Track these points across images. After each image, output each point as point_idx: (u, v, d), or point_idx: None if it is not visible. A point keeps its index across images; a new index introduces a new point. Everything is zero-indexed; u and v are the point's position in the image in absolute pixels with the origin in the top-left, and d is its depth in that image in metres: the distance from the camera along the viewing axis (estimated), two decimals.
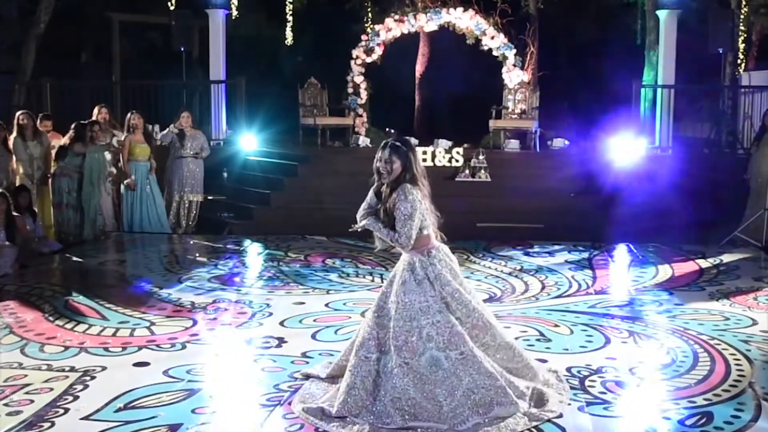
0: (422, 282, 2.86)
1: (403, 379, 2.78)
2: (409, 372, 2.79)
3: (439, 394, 2.77)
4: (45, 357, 3.59)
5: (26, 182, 6.47)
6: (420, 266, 2.90)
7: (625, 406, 3.07)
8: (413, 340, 2.81)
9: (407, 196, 2.82)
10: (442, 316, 2.85)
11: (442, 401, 2.78)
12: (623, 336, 3.94)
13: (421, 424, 2.75)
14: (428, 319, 2.83)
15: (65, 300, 4.60)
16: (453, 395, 2.78)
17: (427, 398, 2.78)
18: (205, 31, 9.48)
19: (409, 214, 2.82)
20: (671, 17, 8.68)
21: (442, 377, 2.79)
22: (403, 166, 2.85)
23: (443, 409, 2.76)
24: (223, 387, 3.29)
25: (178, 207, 7.14)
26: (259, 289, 4.95)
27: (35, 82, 9.40)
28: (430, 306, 2.85)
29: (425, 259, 2.92)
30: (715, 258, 5.83)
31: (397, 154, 2.84)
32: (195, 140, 7.18)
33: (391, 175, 2.85)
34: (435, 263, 2.92)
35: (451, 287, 2.92)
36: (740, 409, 3.00)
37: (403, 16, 8.69)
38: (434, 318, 2.83)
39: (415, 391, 2.78)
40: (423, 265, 2.91)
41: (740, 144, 8.45)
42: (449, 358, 2.80)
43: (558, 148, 8.36)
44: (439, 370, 2.78)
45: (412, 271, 2.90)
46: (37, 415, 2.91)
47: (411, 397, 2.77)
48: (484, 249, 6.17)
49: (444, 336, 2.82)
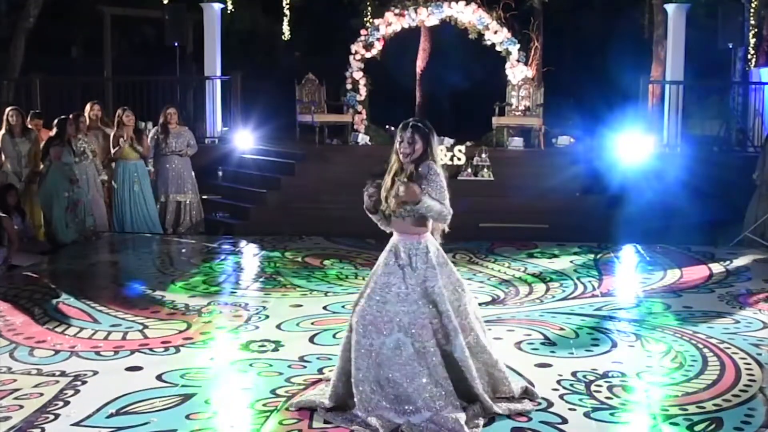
0: (405, 267, 2.85)
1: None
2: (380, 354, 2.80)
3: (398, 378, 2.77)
4: (35, 361, 3.55)
5: (14, 180, 6.37)
6: (435, 249, 2.90)
7: (632, 412, 3.02)
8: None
9: (437, 169, 2.86)
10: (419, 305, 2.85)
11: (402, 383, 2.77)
12: (630, 339, 3.90)
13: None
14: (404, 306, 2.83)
15: (55, 302, 4.54)
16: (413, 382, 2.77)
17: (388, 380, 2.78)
18: (200, 26, 9.39)
19: (444, 186, 2.86)
20: (680, 11, 8.59)
21: (406, 361, 2.78)
22: (424, 145, 2.87)
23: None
24: (218, 392, 3.22)
25: (164, 208, 6.98)
26: (255, 291, 4.89)
27: (24, 79, 9.30)
28: (409, 294, 2.84)
29: (433, 243, 2.93)
30: (724, 259, 5.76)
31: (419, 133, 2.87)
32: (180, 137, 7.03)
33: (413, 155, 2.86)
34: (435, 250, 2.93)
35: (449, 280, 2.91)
36: (750, 414, 2.96)
37: (403, 10, 8.58)
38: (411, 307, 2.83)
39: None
40: (437, 247, 2.92)
41: (750, 142, 8.37)
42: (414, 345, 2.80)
43: (563, 146, 8.30)
44: (402, 354, 2.78)
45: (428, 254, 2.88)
46: (27, 421, 2.86)
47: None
48: (487, 250, 6.09)
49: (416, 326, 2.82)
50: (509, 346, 3.77)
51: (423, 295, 2.84)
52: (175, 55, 9.22)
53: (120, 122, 6.76)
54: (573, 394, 3.18)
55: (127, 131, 6.76)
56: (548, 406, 3.05)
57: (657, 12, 9.20)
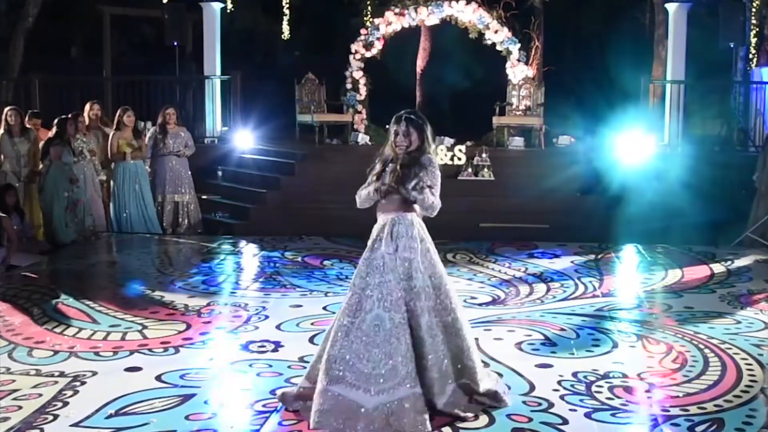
0: (385, 239, 2.87)
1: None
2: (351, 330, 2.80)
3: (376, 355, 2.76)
4: (33, 362, 3.55)
5: (13, 180, 6.36)
6: (420, 226, 2.93)
7: (633, 413, 3.00)
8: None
9: (436, 163, 2.91)
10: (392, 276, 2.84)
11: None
12: (631, 340, 3.88)
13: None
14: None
15: (54, 303, 4.52)
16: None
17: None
18: (199, 25, 9.37)
19: (439, 180, 2.91)
20: (681, 10, 8.57)
21: (383, 339, 2.77)
22: (420, 136, 2.90)
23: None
24: (218, 393, 3.21)
25: (161, 208, 6.96)
26: (254, 292, 4.87)
27: (24, 78, 9.28)
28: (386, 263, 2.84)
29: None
30: (725, 259, 5.74)
31: (413, 125, 2.90)
32: (178, 137, 7.00)
33: (410, 146, 2.88)
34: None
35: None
36: (752, 415, 2.95)
37: (403, 9, 8.57)
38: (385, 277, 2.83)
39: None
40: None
41: (752, 142, 8.34)
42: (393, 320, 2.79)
43: (564, 146, 8.28)
44: (380, 331, 2.77)
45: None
46: (26, 422, 2.85)
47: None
48: (488, 250, 6.05)
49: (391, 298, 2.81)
50: (510, 347, 3.75)
51: (401, 265, 2.83)
52: (174, 55, 9.20)
53: (120, 122, 6.75)
54: (574, 394, 3.16)
55: (127, 132, 6.75)
56: (549, 406, 3.04)
57: (658, 11, 9.18)
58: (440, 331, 2.86)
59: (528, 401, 3.08)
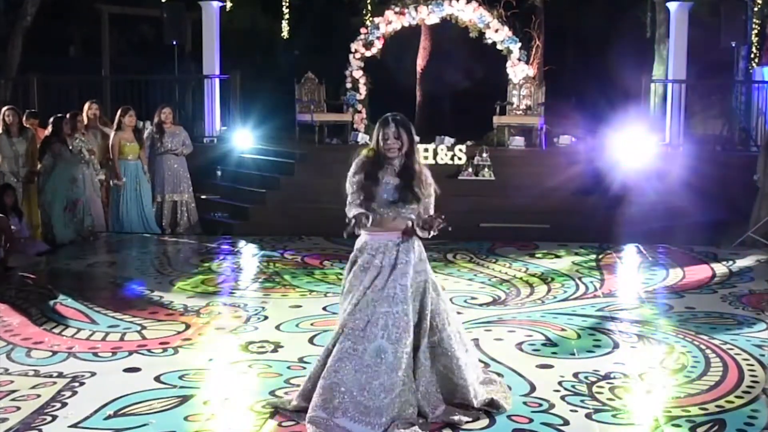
0: (392, 264, 2.82)
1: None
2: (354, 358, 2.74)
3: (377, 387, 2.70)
4: (32, 362, 3.53)
5: (11, 180, 6.34)
6: (419, 245, 2.86)
7: (634, 414, 3.00)
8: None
9: (428, 173, 2.88)
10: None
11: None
12: (632, 341, 3.87)
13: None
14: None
15: (53, 303, 4.51)
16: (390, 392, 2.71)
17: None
18: (198, 24, 9.34)
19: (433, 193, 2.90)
20: (682, 9, 8.55)
21: (385, 370, 2.72)
22: (409, 138, 2.86)
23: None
24: (217, 393, 3.20)
25: (160, 208, 6.94)
26: (254, 292, 4.86)
27: (22, 78, 9.26)
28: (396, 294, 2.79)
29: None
30: (727, 260, 5.72)
31: (403, 127, 2.87)
32: (175, 137, 6.99)
33: (402, 148, 2.84)
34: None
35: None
36: (754, 416, 2.94)
37: (403, 8, 8.55)
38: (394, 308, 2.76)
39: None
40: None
41: (753, 141, 8.33)
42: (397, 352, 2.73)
43: (564, 146, 8.25)
44: (383, 363, 2.72)
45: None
46: (24, 423, 2.84)
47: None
48: (488, 250, 6.05)
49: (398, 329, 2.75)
50: (510, 347, 3.74)
51: (411, 290, 2.78)
52: (173, 54, 9.19)
53: (120, 123, 6.73)
54: (575, 395, 3.15)
55: (128, 132, 6.73)
56: (550, 407, 3.03)
57: (659, 10, 9.16)
58: (429, 354, 2.83)
59: (528, 402, 3.07)
